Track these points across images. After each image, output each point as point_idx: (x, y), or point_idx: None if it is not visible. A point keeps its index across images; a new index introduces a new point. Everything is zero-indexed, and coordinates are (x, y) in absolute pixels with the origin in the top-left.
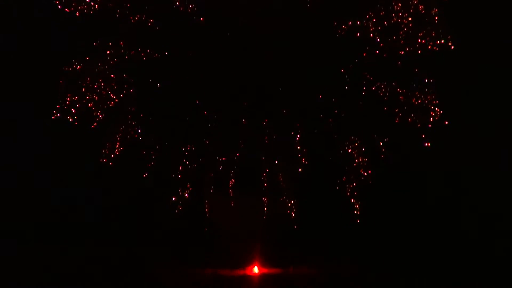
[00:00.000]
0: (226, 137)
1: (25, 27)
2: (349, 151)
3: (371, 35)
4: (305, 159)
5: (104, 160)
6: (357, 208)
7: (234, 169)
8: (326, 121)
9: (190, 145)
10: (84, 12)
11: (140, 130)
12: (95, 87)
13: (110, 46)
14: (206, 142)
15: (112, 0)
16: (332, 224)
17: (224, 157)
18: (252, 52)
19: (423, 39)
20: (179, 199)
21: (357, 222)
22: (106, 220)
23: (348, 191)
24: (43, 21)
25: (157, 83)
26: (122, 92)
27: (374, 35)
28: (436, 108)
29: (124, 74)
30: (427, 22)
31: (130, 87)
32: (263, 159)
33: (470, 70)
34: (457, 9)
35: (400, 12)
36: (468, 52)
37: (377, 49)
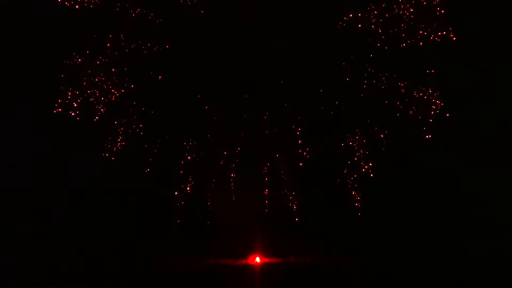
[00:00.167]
0: (227, 131)
1: (23, 23)
2: (350, 144)
3: (372, 27)
4: (306, 153)
5: (107, 155)
6: (358, 200)
7: (235, 163)
8: (327, 114)
9: (192, 139)
10: (84, 5)
11: (141, 125)
12: (96, 81)
13: (110, 40)
14: (207, 136)
15: None
16: (333, 216)
17: (225, 151)
18: (253, 44)
19: (425, 31)
20: (181, 193)
21: (358, 215)
22: (109, 213)
23: (349, 184)
24: (41, 15)
25: (157, 77)
26: (123, 86)
27: (375, 26)
28: (437, 100)
29: (125, 68)
30: (428, 14)
31: (131, 81)
32: (264, 152)
33: (471, 62)
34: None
35: (402, 4)
36: (470, 44)
37: (378, 42)
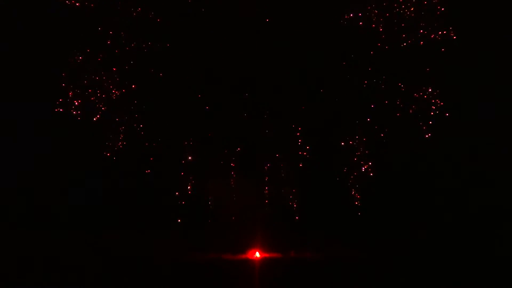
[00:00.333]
0: (228, 131)
1: (23, 22)
2: (350, 143)
3: (373, 26)
4: (306, 153)
5: (108, 155)
6: (358, 199)
7: (235, 162)
8: (327, 113)
9: (192, 139)
10: (84, 4)
11: (141, 125)
12: (96, 79)
13: (111, 38)
14: (208, 136)
15: None
16: (333, 212)
17: (225, 150)
18: (253, 44)
19: (425, 30)
20: (181, 193)
21: (358, 214)
22: (109, 213)
23: (349, 182)
24: (41, 14)
25: (158, 76)
26: (124, 84)
27: (376, 26)
28: (437, 100)
29: (126, 67)
30: (429, 13)
31: (132, 80)
32: (264, 152)
33: (472, 61)
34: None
35: (402, 4)
36: (470, 43)
37: (379, 41)
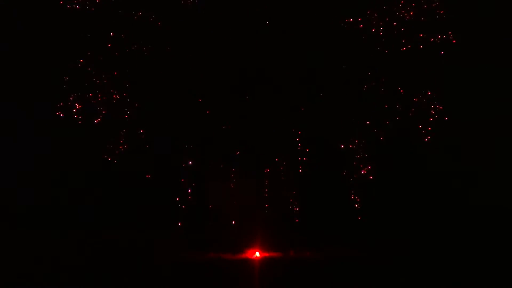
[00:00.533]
0: (228, 134)
1: (23, 23)
2: (349, 146)
3: (373, 30)
4: (306, 156)
5: (109, 159)
6: (358, 202)
7: (235, 166)
8: (327, 116)
9: (193, 142)
10: (86, 7)
11: (142, 130)
12: (97, 83)
13: (111, 41)
14: (208, 138)
15: None
16: (333, 213)
17: (225, 152)
18: (253, 45)
19: (424, 34)
20: (182, 196)
21: (358, 218)
22: (109, 212)
23: (349, 185)
24: (41, 15)
25: (159, 78)
26: (124, 87)
27: (376, 29)
28: (437, 103)
29: (126, 69)
30: (428, 17)
31: (133, 83)
32: (264, 155)
33: (471, 65)
34: (459, 3)
35: (402, 8)
36: (470, 47)
37: (378, 45)
